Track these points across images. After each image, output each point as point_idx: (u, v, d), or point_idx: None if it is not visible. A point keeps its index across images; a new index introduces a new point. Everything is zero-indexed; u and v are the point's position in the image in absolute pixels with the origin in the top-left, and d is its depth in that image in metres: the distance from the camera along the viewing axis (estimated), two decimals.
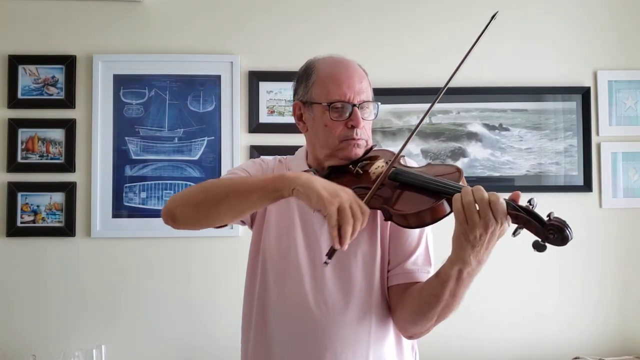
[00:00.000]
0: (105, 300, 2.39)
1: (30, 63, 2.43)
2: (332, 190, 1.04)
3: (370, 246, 1.25)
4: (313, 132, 1.31)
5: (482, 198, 1.02)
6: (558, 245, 0.99)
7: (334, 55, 1.35)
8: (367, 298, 1.23)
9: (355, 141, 1.27)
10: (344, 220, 1.01)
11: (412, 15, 2.51)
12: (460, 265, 1.08)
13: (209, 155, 2.44)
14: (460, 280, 1.10)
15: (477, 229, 1.02)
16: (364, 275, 1.23)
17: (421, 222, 1.11)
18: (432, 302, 1.14)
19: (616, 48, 2.52)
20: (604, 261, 2.46)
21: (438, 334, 2.43)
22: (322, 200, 1.03)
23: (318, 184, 1.06)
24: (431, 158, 2.46)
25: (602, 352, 2.38)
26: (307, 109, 1.31)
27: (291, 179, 1.09)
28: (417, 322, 1.19)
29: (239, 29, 2.48)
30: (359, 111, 1.26)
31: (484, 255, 1.07)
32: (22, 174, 2.40)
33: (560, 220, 0.99)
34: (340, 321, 1.21)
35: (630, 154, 2.48)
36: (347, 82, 1.26)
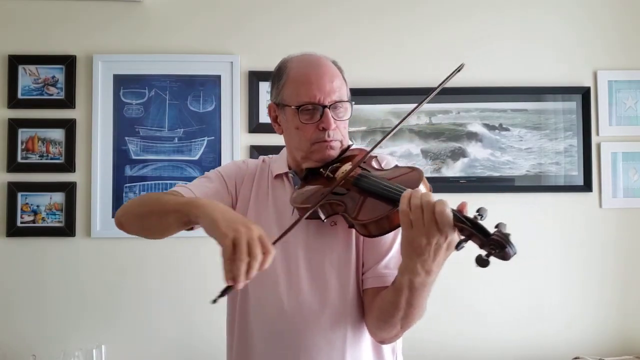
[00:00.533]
0: (105, 300, 2.39)
1: (30, 63, 2.43)
2: (231, 222, 0.97)
3: (345, 250, 1.23)
4: (287, 134, 1.29)
5: (428, 204, 0.97)
6: (501, 259, 0.92)
7: (307, 54, 1.31)
8: (342, 302, 1.21)
9: (327, 143, 1.23)
10: (236, 256, 0.94)
11: (412, 15, 2.51)
12: (410, 275, 1.03)
13: (209, 155, 2.44)
14: (413, 290, 1.05)
15: (422, 237, 0.97)
16: (338, 279, 1.21)
17: (381, 230, 1.07)
18: (390, 309, 1.11)
19: (616, 48, 2.52)
20: (604, 261, 2.46)
21: (438, 334, 2.45)
22: (218, 231, 0.97)
23: (219, 214, 1.01)
24: (431, 158, 2.46)
25: (602, 352, 2.38)
26: (280, 110, 1.29)
27: (197, 206, 1.05)
28: (381, 328, 1.17)
29: (239, 29, 2.48)
30: (330, 112, 1.22)
31: (433, 266, 1.01)
32: (22, 174, 2.40)
33: (501, 235, 0.91)
34: (315, 325, 1.20)
35: (630, 154, 2.48)
36: (316, 83, 1.22)
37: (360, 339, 1.23)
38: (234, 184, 1.33)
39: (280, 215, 1.27)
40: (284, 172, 1.32)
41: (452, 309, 2.39)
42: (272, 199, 1.31)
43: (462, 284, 2.37)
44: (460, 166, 2.46)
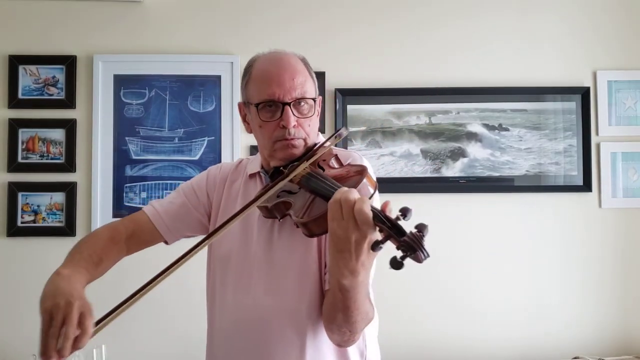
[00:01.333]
0: (105, 300, 2.38)
1: (30, 63, 2.43)
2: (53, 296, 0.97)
3: (307, 251, 1.20)
4: (254, 133, 1.28)
5: (347, 200, 0.94)
6: (415, 262, 0.88)
7: (273, 51, 1.30)
8: (300, 304, 1.18)
9: (288, 141, 1.20)
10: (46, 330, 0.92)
11: (412, 15, 2.51)
12: (336, 275, 0.99)
13: (209, 156, 2.44)
14: (344, 291, 1.01)
15: (340, 230, 0.95)
16: (297, 280, 1.19)
17: (317, 230, 1.05)
18: (331, 312, 1.09)
19: (616, 48, 2.52)
20: (604, 261, 2.46)
21: (437, 334, 2.45)
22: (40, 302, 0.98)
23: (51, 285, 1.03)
24: (431, 158, 2.46)
25: (602, 352, 2.38)
26: (247, 109, 1.28)
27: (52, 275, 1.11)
28: (330, 330, 1.14)
29: (239, 29, 2.48)
30: (290, 109, 1.18)
31: (357, 266, 0.97)
32: (23, 174, 2.41)
33: (414, 237, 0.87)
34: (273, 326, 1.18)
35: (629, 154, 2.48)
36: (276, 80, 1.19)
37: (322, 341, 1.19)
38: (204, 193, 1.36)
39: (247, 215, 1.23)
40: (256, 172, 1.32)
41: (452, 309, 2.39)
42: (242, 198, 1.30)
43: (462, 284, 2.37)
44: (460, 166, 2.46)
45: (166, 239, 1.39)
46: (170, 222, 1.35)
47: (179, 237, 1.40)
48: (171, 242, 1.40)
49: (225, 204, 1.33)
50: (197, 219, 1.37)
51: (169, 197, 1.38)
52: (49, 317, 0.92)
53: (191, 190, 1.36)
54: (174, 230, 1.37)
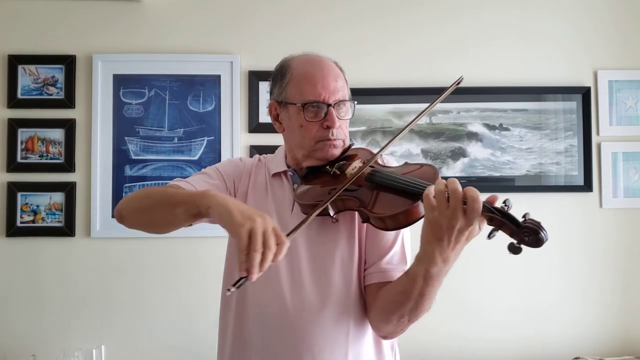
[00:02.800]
0: (105, 300, 2.39)
1: (30, 63, 2.43)
2: (246, 213, 0.98)
3: (348, 246, 1.24)
4: (289, 132, 1.30)
5: (455, 189, 0.97)
6: (533, 247, 0.96)
7: (309, 53, 1.33)
8: (345, 298, 1.22)
9: (331, 142, 1.25)
10: (252, 247, 0.94)
11: (412, 15, 2.50)
12: (426, 263, 1.04)
13: (208, 155, 2.44)
14: (428, 279, 1.06)
15: (444, 219, 0.97)
16: (341, 275, 1.22)
17: (398, 224, 1.09)
18: (401, 300, 1.12)
19: (616, 48, 2.51)
20: (604, 261, 2.46)
21: (437, 333, 2.44)
22: (233, 222, 0.97)
23: (232, 204, 1.01)
24: (431, 158, 2.46)
25: (602, 352, 2.38)
26: (282, 109, 1.30)
27: (208, 197, 1.05)
28: (388, 321, 1.17)
29: (239, 29, 2.48)
30: (334, 111, 1.24)
31: (451, 254, 1.02)
32: (22, 174, 2.40)
33: (535, 222, 0.95)
34: (318, 322, 1.20)
35: (630, 154, 2.48)
36: (321, 82, 1.24)
37: (362, 334, 1.24)
38: (232, 181, 1.34)
39: (280, 212, 1.28)
40: (282, 171, 1.33)
41: (452, 309, 2.39)
42: (271, 196, 1.31)
43: (462, 284, 2.37)
44: (461, 166, 2.46)
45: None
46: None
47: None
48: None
49: (254, 197, 1.31)
50: None
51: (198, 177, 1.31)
52: (248, 234, 0.94)
53: (220, 177, 1.33)
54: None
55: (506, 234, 0.97)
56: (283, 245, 0.97)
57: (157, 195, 1.19)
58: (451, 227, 0.98)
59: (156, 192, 1.22)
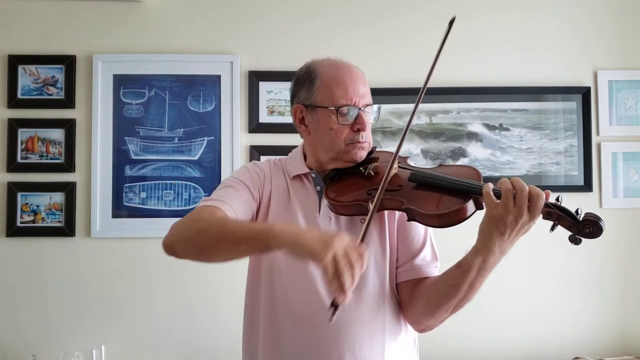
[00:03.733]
0: (105, 300, 2.39)
1: (30, 63, 2.43)
2: (324, 241, 0.97)
3: (380, 245, 1.28)
4: (317, 135, 1.31)
5: (522, 188, 1.05)
6: (593, 237, 1.05)
7: (333, 58, 1.36)
8: (380, 295, 1.26)
9: (360, 144, 1.29)
10: (341, 272, 0.95)
11: (412, 15, 2.50)
12: (485, 254, 1.10)
13: (208, 155, 2.44)
14: (483, 269, 1.13)
15: (509, 215, 1.04)
16: (376, 273, 1.26)
17: (448, 222, 1.14)
18: (450, 293, 1.17)
19: (616, 48, 2.51)
20: (604, 261, 2.46)
21: (438, 333, 2.43)
22: (315, 255, 0.97)
23: (308, 237, 1.00)
24: (431, 158, 2.46)
25: (602, 352, 2.38)
26: (310, 112, 1.31)
27: (280, 235, 1.03)
28: (433, 314, 1.22)
29: (239, 29, 2.48)
30: (364, 114, 1.28)
31: (508, 246, 1.10)
32: (22, 174, 2.40)
33: (593, 215, 1.06)
34: (356, 319, 1.23)
35: (630, 154, 2.48)
36: (352, 86, 1.28)
37: (397, 330, 1.28)
38: (257, 189, 1.32)
39: (306, 214, 1.30)
40: (303, 173, 1.34)
41: None
42: (295, 198, 1.32)
43: None
44: None
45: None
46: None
47: None
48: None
49: (277, 201, 1.31)
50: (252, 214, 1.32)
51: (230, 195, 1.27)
52: (333, 261, 0.95)
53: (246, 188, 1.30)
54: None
55: (564, 227, 1.07)
56: (364, 256, 0.98)
57: (216, 231, 1.13)
58: (515, 223, 1.05)
59: (215, 227, 1.14)
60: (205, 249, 1.14)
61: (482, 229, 1.10)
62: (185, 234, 1.17)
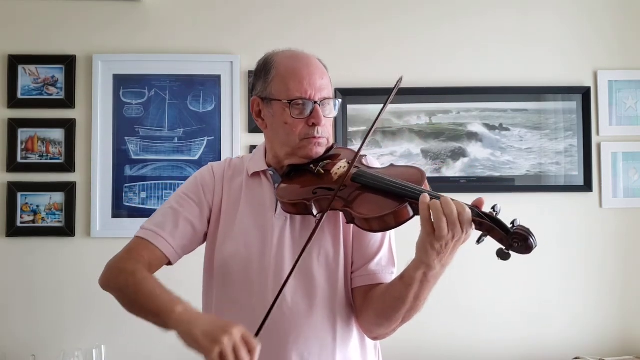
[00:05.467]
0: (105, 300, 2.37)
1: (30, 63, 2.43)
2: (212, 336, 0.98)
3: (333, 248, 1.22)
4: (272, 129, 1.26)
5: (452, 213, 1.00)
6: (522, 253, 0.98)
7: (294, 50, 1.31)
8: (331, 300, 1.21)
9: (316, 140, 1.22)
10: None
11: (411, 16, 2.50)
12: (425, 269, 1.06)
13: (208, 155, 2.44)
14: (425, 282, 1.08)
15: (444, 239, 1.00)
16: (327, 277, 1.21)
17: (384, 226, 1.09)
18: (396, 305, 1.12)
19: (616, 48, 2.51)
20: (604, 261, 2.45)
21: (438, 334, 2.44)
22: (201, 349, 0.99)
23: (198, 330, 1.01)
24: (431, 158, 2.46)
25: (602, 352, 2.38)
26: (265, 105, 1.26)
27: (175, 321, 1.06)
28: (381, 324, 1.18)
29: (239, 29, 2.48)
30: (320, 108, 1.22)
31: (449, 259, 1.05)
32: (22, 174, 2.40)
33: (524, 229, 0.98)
34: (305, 324, 1.19)
35: (630, 154, 2.48)
36: (308, 79, 1.21)
37: (349, 336, 1.23)
38: (204, 201, 1.30)
39: (258, 212, 1.25)
40: (261, 170, 1.30)
41: (451, 309, 2.39)
42: (247, 197, 1.28)
43: (462, 284, 2.37)
44: (461, 166, 2.46)
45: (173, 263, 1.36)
46: (181, 250, 1.32)
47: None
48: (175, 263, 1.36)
49: (227, 204, 1.29)
50: (203, 231, 1.32)
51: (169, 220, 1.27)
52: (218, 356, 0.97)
53: (189, 201, 1.29)
54: (182, 254, 1.35)
55: (495, 239, 1.00)
56: (254, 352, 0.99)
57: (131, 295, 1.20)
58: (450, 243, 1.02)
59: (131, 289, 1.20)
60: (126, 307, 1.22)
61: (419, 247, 1.05)
62: (112, 285, 1.26)
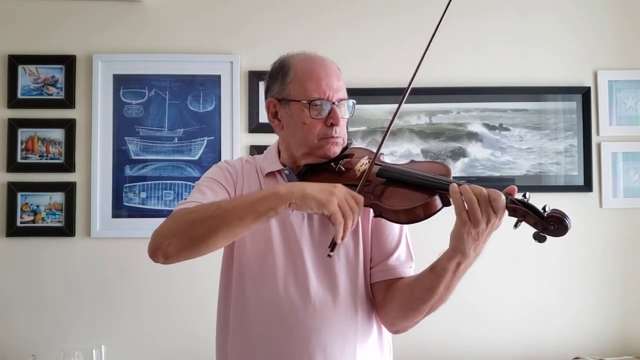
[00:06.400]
0: (105, 300, 2.39)
1: (30, 63, 2.43)
2: (327, 192, 1.07)
3: (353, 244, 1.26)
4: (290, 130, 1.29)
5: (482, 195, 1.04)
6: (558, 235, 1.02)
7: (309, 53, 1.34)
8: (352, 295, 1.24)
9: (334, 139, 1.26)
10: (345, 216, 1.05)
11: (412, 15, 2.50)
12: (460, 259, 1.09)
13: (208, 155, 2.44)
14: (457, 272, 1.12)
15: (480, 225, 1.04)
16: (347, 273, 1.24)
17: (413, 218, 1.12)
18: (425, 296, 1.16)
19: (616, 48, 2.51)
20: (604, 261, 2.45)
21: (438, 334, 2.44)
22: (323, 204, 1.05)
23: (312, 190, 1.08)
24: (431, 158, 2.46)
25: (602, 352, 2.38)
26: (283, 106, 1.29)
27: (285, 195, 1.08)
28: (408, 316, 1.21)
29: (239, 29, 2.48)
30: (337, 109, 1.26)
31: (482, 247, 1.10)
32: (22, 174, 2.40)
33: (559, 211, 1.03)
34: (329, 319, 1.21)
35: (630, 154, 2.48)
36: (326, 80, 1.26)
37: (369, 331, 1.26)
38: (232, 187, 1.32)
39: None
40: (277, 170, 1.32)
41: (451, 308, 2.37)
42: None
43: (462, 284, 2.36)
44: (461, 166, 2.46)
45: None
46: None
47: None
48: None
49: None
50: None
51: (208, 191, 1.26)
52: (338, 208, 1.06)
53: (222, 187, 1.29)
54: None
55: (529, 224, 1.05)
56: (360, 202, 1.09)
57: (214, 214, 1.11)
58: (486, 227, 1.05)
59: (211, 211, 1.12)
60: (204, 237, 1.10)
61: (455, 236, 1.08)
62: (177, 231, 1.13)
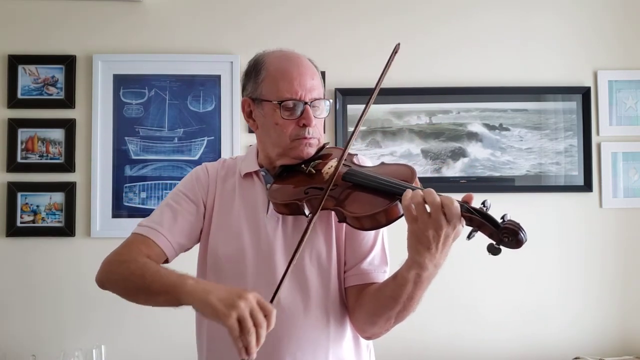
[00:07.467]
0: (105, 300, 2.37)
1: (30, 63, 2.43)
2: (229, 302, 0.99)
3: (325, 247, 1.22)
4: (264, 130, 1.27)
5: (434, 200, 0.98)
6: (512, 248, 0.96)
7: (285, 50, 1.31)
8: (325, 300, 1.21)
9: (307, 140, 1.22)
10: (244, 331, 0.97)
11: (411, 15, 2.50)
12: (417, 270, 1.05)
13: (208, 155, 2.44)
14: (419, 283, 1.07)
15: (429, 229, 0.99)
16: (320, 277, 1.21)
17: (376, 224, 1.09)
18: (389, 304, 1.12)
19: (616, 48, 2.51)
20: (604, 261, 2.45)
21: (437, 333, 2.44)
22: (219, 315, 0.99)
23: (214, 297, 1.01)
24: (431, 158, 2.46)
25: (602, 352, 2.38)
26: (256, 106, 1.26)
27: (189, 293, 1.05)
28: (375, 323, 1.18)
29: (239, 29, 2.48)
30: (310, 109, 1.21)
31: (441, 258, 1.04)
32: (22, 174, 2.40)
33: (514, 223, 0.96)
34: (299, 324, 1.19)
35: (630, 154, 2.48)
36: (298, 79, 1.21)
37: (342, 336, 1.23)
38: (200, 198, 1.30)
39: (250, 213, 1.26)
40: (254, 171, 1.30)
41: (452, 309, 2.39)
42: (240, 198, 1.28)
43: (462, 284, 2.37)
44: (461, 166, 2.46)
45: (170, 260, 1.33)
46: (178, 247, 1.29)
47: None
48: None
49: (220, 204, 1.29)
50: (199, 228, 1.31)
51: (167, 217, 1.27)
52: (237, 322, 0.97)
53: (186, 199, 1.30)
54: (179, 251, 1.32)
55: (485, 234, 0.98)
56: (271, 315, 1.00)
57: (137, 281, 1.15)
58: (438, 236, 0.99)
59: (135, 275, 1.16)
60: (131, 296, 1.19)
61: (409, 245, 1.04)
62: (113, 278, 1.23)
